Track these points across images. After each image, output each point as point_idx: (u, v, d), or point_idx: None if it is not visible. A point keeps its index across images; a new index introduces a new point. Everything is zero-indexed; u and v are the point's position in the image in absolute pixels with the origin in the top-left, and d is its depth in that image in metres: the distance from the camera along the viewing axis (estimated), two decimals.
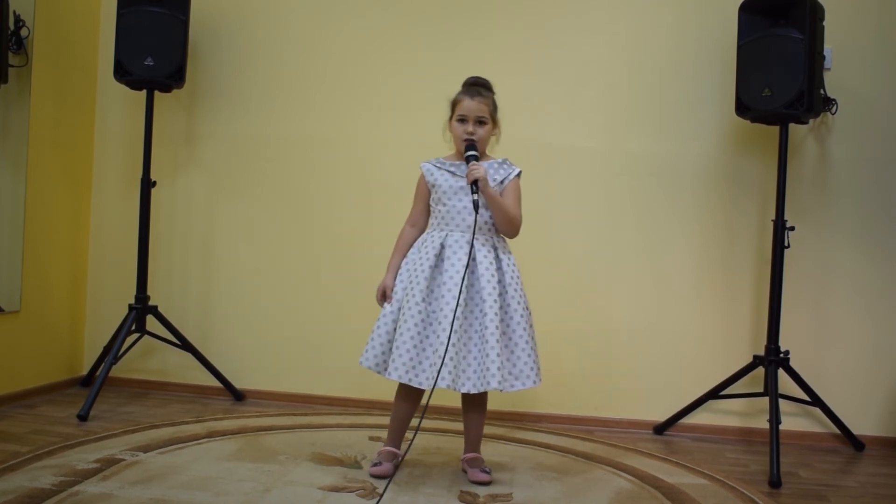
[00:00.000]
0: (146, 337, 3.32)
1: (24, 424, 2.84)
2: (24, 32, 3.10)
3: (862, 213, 3.14)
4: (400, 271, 2.44)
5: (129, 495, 2.12)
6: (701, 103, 3.23)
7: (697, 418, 3.17)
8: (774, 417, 2.72)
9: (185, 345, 3.35)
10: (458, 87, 2.48)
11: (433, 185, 2.44)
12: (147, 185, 3.27)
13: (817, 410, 3.02)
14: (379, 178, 3.36)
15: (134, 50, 3.14)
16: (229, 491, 2.21)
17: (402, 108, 3.36)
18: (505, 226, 2.40)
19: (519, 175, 2.46)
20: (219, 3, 3.48)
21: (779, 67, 2.80)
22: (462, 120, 2.40)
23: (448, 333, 2.24)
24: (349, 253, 3.39)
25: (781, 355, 2.91)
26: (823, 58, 2.91)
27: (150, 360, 3.51)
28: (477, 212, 2.31)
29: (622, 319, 3.25)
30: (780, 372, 2.90)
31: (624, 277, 3.26)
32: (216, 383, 3.40)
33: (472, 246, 2.34)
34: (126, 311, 3.28)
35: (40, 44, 3.19)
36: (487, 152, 2.47)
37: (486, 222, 2.39)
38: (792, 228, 2.93)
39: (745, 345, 3.17)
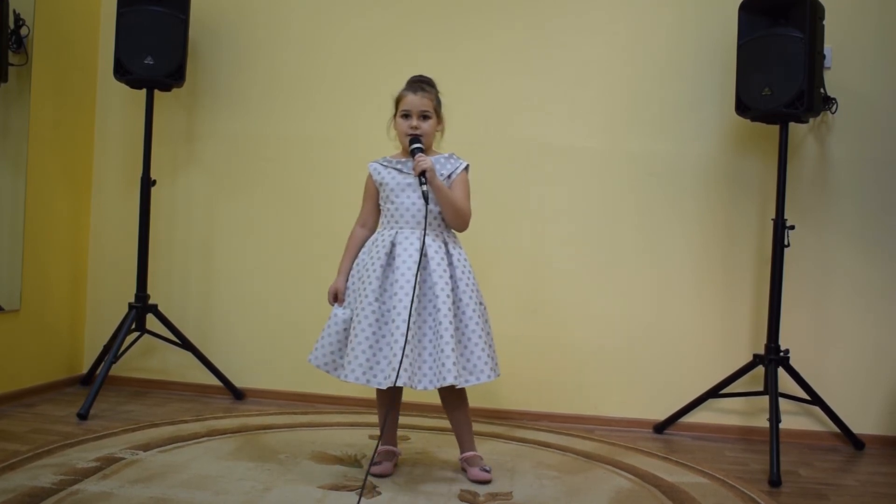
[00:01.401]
0: (146, 336, 3.32)
1: (24, 423, 2.84)
2: (23, 31, 3.10)
3: (862, 212, 3.14)
4: (351, 273, 2.45)
5: (129, 494, 2.12)
6: (701, 103, 3.23)
7: (697, 417, 3.18)
8: (774, 416, 2.72)
9: (185, 344, 3.35)
10: (458, 87, 2.49)
11: (381, 184, 2.44)
12: (147, 184, 3.27)
13: (817, 409, 3.03)
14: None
15: (134, 49, 3.14)
16: (229, 490, 2.21)
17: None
18: (453, 218, 2.39)
19: (467, 169, 2.44)
20: (219, 2, 3.48)
21: (779, 67, 2.80)
22: (406, 115, 2.40)
23: (403, 330, 2.23)
24: None
25: (781, 354, 2.91)
26: (823, 57, 2.92)
27: (150, 358, 3.51)
28: (427, 203, 2.30)
29: (622, 318, 3.25)
30: (780, 371, 2.90)
31: (624, 276, 3.26)
32: (216, 382, 3.40)
33: (423, 236, 2.33)
34: (126, 309, 3.28)
35: (40, 43, 3.19)
36: (434, 147, 2.47)
37: (435, 217, 2.38)
38: (792, 227, 2.93)
39: (745, 344, 3.17)
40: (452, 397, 2.41)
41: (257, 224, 3.48)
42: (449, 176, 2.41)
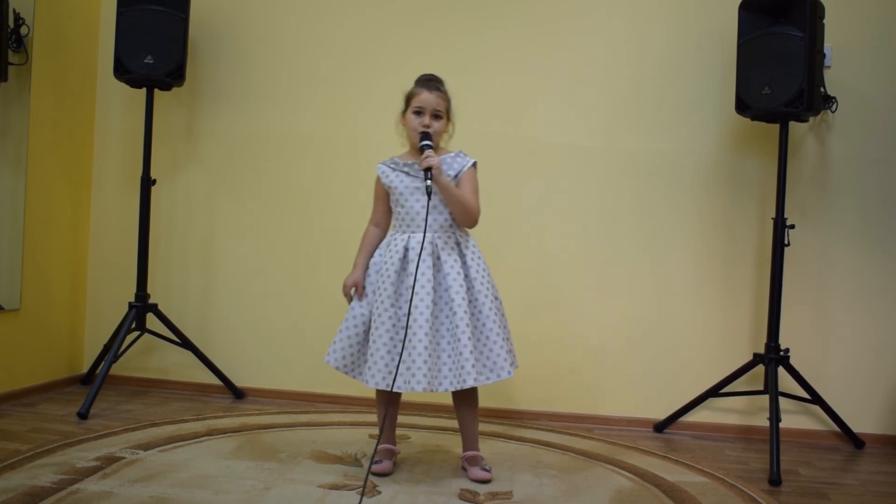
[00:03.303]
0: (146, 335, 3.32)
1: (25, 422, 2.84)
2: (23, 31, 3.10)
3: (862, 210, 3.14)
4: (369, 271, 2.44)
5: (130, 493, 2.12)
6: (701, 102, 3.23)
7: (697, 416, 3.18)
8: (774, 415, 2.72)
9: (185, 343, 3.35)
10: (458, 86, 2.49)
11: (390, 187, 2.44)
12: (147, 183, 3.27)
13: (817, 408, 3.02)
14: None
15: (134, 48, 3.13)
16: (229, 489, 2.21)
17: (402, 107, 3.35)
18: (461, 215, 2.39)
19: (475, 165, 2.44)
20: (219, 1, 3.48)
21: (779, 66, 2.80)
22: (418, 112, 2.39)
23: (419, 336, 2.25)
24: (349, 251, 3.37)
25: (781, 353, 2.91)
26: (823, 56, 2.91)
27: (150, 358, 3.51)
28: (430, 198, 2.30)
29: (622, 318, 3.25)
30: (780, 370, 2.90)
31: (624, 275, 3.26)
32: (216, 381, 3.40)
33: (424, 231, 2.33)
34: (126, 309, 3.28)
35: (40, 42, 3.19)
36: (442, 145, 2.47)
37: (445, 219, 2.38)
38: (792, 226, 2.93)
39: (746, 343, 3.17)
40: (464, 395, 2.42)
41: (257, 223, 3.48)
42: (456, 175, 2.40)
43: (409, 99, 2.44)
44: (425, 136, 2.36)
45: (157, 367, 3.52)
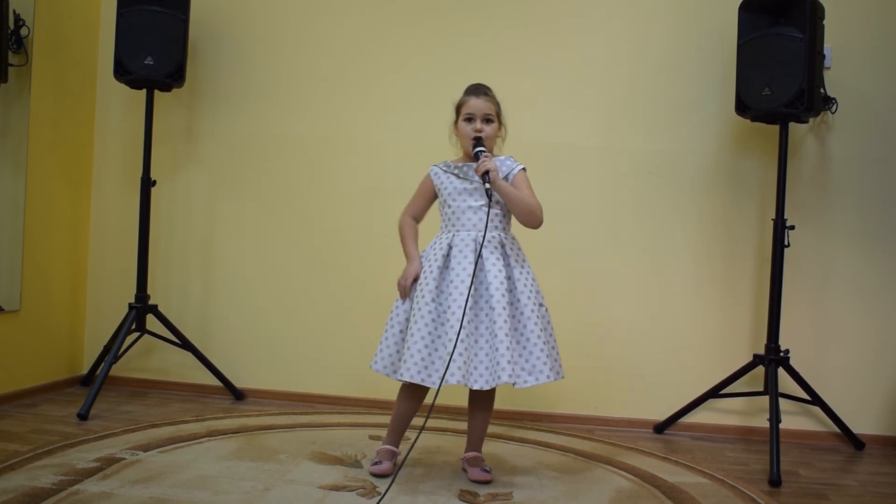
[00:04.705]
0: (146, 336, 3.32)
1: (25, 423, 2.84)
2: (23, 32, 3.10)
3: (862, 211, 3.14)
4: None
5: (129, 494, 2.12)
6: (701, 102, 3.23)
7: (698, 417, 3.18)
8: (774, 416, 2.72)
9: (185, 344, 3.35)
10: (458, 86, 2.50)
11: (439, 189, 2.46)
12: (147, 184, 3.27)
13: (817, 409, 3.03)
14: (379, 176, 3.36)
15: (134, 49, 3.13)
16: (229, 490, 2.21)
17: (402, 107, 3.36)
18: (525, 215, 2.40)
19: (524, 170, 2.46)
20: (219, 2, 3.48)
21: (779, 66, 2.80)
22: (469, 119, 2.41)
23: (456, 330, 2.24)
24: (349, 251, 3.40)
25: (781, 354, 2.91)
26: (823, 57, 2.91)
27: (150, 359, 3.51)
28: (490, 199, 2.32)
29: (622, 318, 3.25)
30: (780, 371, 2.90)
31: (624, 276, 3.26)
32: (216, 382, 3.40)
33: (485, 231, 2.34)
34: (126, 310, 3.28)
35: (40, 43, 3.19)
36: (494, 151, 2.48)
37: (491, 220, 2.38)
38: (792, 227, 2.93)
39: (745, 344, 3.17)
40: (481, 398, 2.42)
41: (257, 224, 3.48)
42: (505, 177, 2.42)
43: (459, 108, 2.45)
44: (478, 141, 2.38)
45: (156, 368, 3.52)
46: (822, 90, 2.91)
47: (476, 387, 2.26)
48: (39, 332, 3.31)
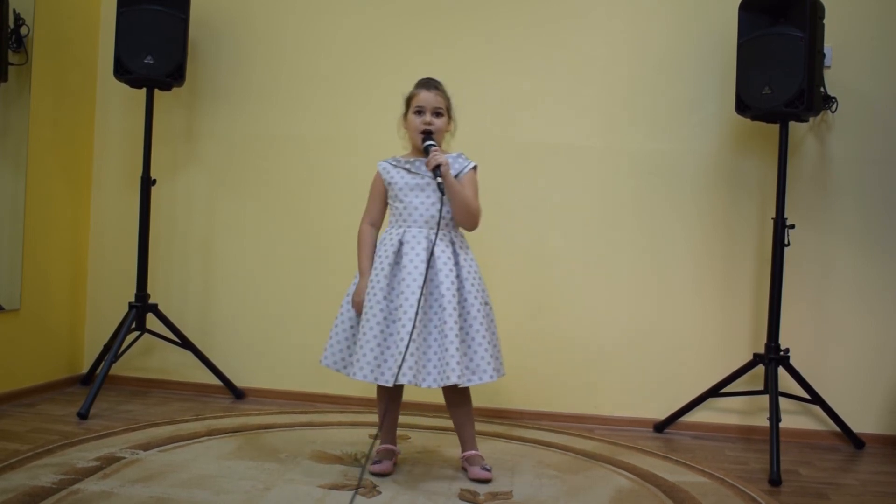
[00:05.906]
0: (146, 335, 3.32)
1: (25, 423, 2.84)
2: (23, 31, 3.10)
3: (862, 210, 3.14)
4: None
5: (130, 493, 2.12)
6: (701, 102, 3.23)
7: (698, 416, 3.18)
8: (774, 415, 2.72)
9: (185, 343, 3.35)
10: (458, 86, 2.50)
11: (389, 184, 2.45)
12: (147, 183, 3.27)
13: (817, 408, 3.02)
14: None
15: (134, 48, 3.13)
16: (229, 489, 2.21)
17: (402, 107, 3.35)
18: (464, 216, 2.39)
19: (475, 169, 2.45)
20: (219, 1, 3.48)
21: (779, 66, 2.80)
22: (419, 112, 2.41)
23: (409, 329, 2.24)
24: (349, 251, 3.37)
25: (781, 353, 2.91)
26: (823, 56, 2.91)
27: (150, 358, 3.51)
28: (443, 195, 2.31)
29: (622, 317, 3.25)
30: (780, 370, 2.90)
31: (624, 275, 3.26)
32: (216, 381, 3.40)
33: (437, 228, 2.34)
34: (126, 309, 3.28)
35: (40, 42, 3.19)
36: (444, 146, 2.47)
37: (443, 217, 2.38)
38: (792, 226, 2.93)
39: (745, 343, 3.17)
40: (455, 396, 2.42)
41: (257, 223, 3.48)
42: (457, 175, 2.40)
43: (408, 101, 2.45)
44: (428, 135, 2.37)
45: (157, 367, 3.52)
46: (822, 89, 2.91)
47: (425, 385, 2.27)
48: (39, 332, 3.31)
